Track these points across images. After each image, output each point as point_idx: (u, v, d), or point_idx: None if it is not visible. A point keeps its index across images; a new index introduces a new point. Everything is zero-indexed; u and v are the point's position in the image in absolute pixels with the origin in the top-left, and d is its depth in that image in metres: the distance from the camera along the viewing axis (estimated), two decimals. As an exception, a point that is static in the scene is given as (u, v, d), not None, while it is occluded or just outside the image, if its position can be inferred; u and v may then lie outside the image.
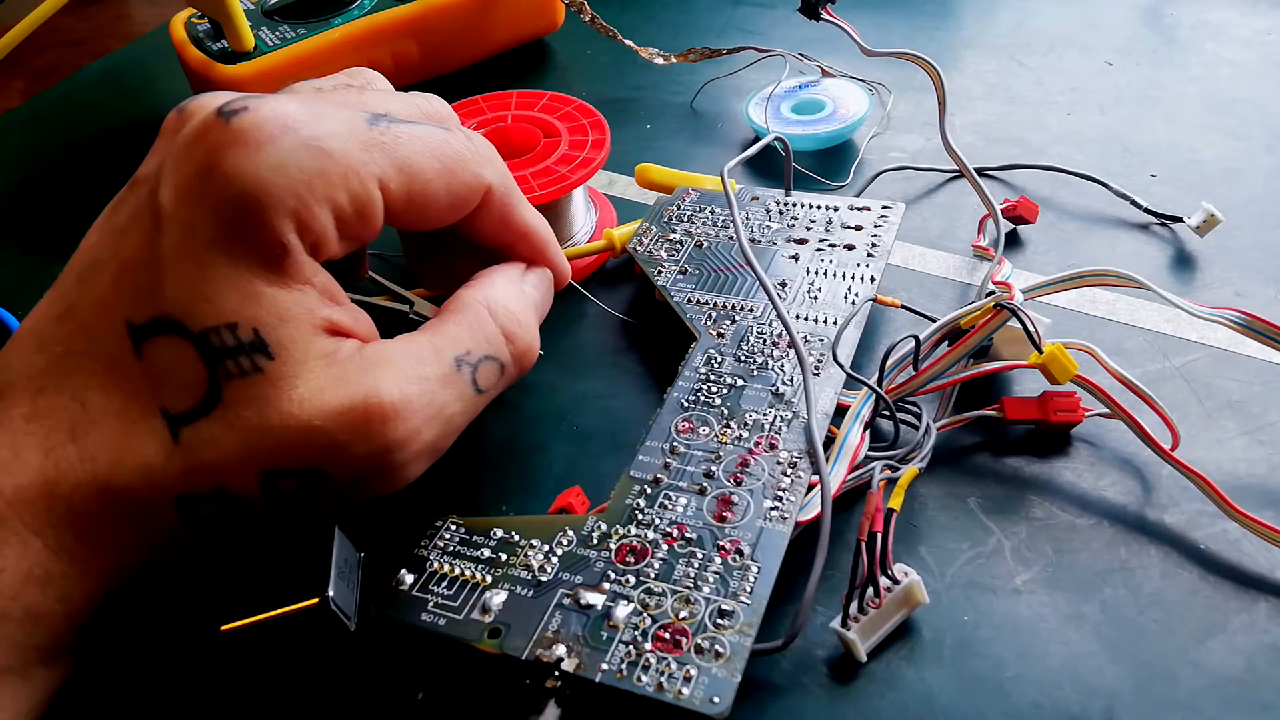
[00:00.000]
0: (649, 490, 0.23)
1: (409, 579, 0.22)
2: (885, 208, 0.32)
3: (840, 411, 0.25)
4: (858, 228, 0.31)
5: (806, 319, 0.28)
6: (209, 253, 0.19)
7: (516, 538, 0.23)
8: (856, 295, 0.29)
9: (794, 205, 0.33)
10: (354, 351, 0.21)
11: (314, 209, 0.20)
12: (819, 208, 0.32)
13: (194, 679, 0.23)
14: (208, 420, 0.19)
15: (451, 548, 0.23)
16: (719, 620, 0.20)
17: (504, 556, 0.22)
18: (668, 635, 0.20)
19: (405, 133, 0.22)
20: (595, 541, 0.22)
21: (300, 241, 0.20)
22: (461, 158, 0.23)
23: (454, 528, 0.23)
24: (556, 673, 0.20)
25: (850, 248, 0.30)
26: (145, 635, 0.23)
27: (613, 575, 0.21)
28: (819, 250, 0.31)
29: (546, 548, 0.22)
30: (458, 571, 0.22)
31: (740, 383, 0.26)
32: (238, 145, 0.19)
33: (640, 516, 0.23)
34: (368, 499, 0.21)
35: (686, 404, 0.26)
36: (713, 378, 0.26)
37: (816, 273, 0.30)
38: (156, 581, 0.21)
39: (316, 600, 0.20)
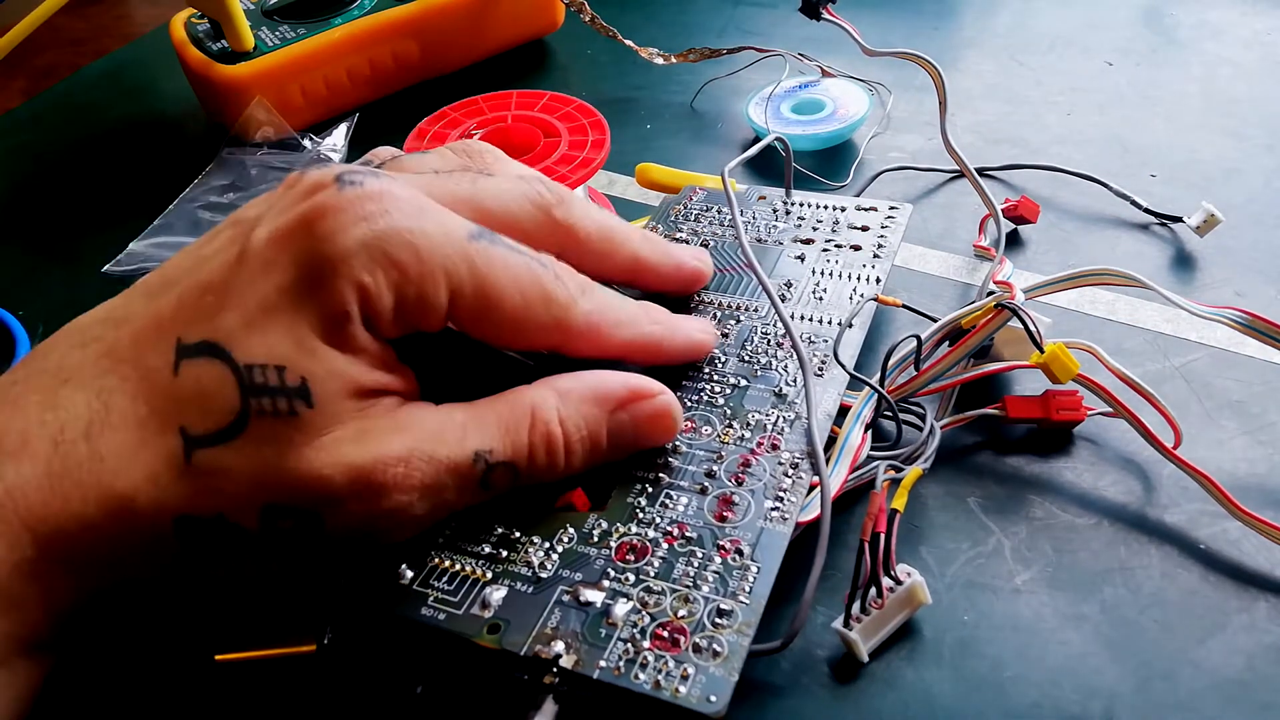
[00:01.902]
0: (650, 489, 0.23)
1: (409, 574, 0.22)
2: (892, 208, 0.32)
3: (844, 412, 0.25)
4: (864, 228, 0.31)
5: (811, 320, 0.28)
6: (279, 295, 0.20)
7: (517, 534, 0.23)
8: (861, 296, 0.29)
9: (800, 205, 0.33)
10: (384, 413, 0.21)
11: (383, 292, 0.20)
12: (825, 208, 0.32)
13: (194, 678, 0.23)
14: (226, 448, 0.20)
15: (452, 543, 0.23)
16: (718, 619, 0.20)
17: (504, 553, 0.22)
18: (666, 633, 0.20)
19: (499, 257, 0.22)
20: (595, 539, 0.22)
21: (360, 313, 0.20)
22: (545, 296, 0.22)
23: (454, 524, 0.23)
24: (555, 669, 0.20)
25: (856, 248, 0.30)
26: (141, 649, 0.23)
27: (612, 573, 0.21)
28: (825, 251, 0.30)
29: (547, 544, 0.22)
30: (458, 567, 0.22)
31: (743, 383, 0.26)
32: (339, 212, 0.20)
33: (641, 515, 0.23)
34: (358, 549, 0.21)
35: (689, 403, 0.26)
36: (716, 377, 0.26)
37: (822, 273, 0.30)
38: (152, 598, 0.21)
39: (314, 647, 0.21)
